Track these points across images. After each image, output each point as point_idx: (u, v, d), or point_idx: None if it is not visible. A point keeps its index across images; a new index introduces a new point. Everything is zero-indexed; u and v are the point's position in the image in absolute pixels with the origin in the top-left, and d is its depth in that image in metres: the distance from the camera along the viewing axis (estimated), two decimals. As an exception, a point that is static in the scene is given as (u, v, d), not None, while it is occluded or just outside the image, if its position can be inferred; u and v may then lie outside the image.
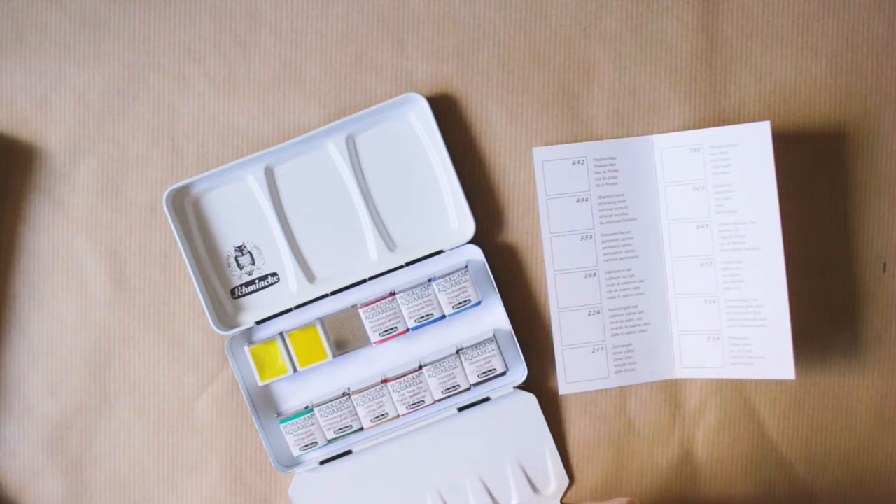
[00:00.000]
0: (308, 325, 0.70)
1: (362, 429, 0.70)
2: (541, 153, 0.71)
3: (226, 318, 0.71)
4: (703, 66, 0.72)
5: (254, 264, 0.71)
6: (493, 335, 0.70)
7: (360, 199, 0.71)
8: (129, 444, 0.73)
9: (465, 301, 0.69)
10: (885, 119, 0.72)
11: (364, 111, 0.70)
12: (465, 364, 0.69)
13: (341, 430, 0.70)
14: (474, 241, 0.71)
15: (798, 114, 0.72)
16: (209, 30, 0.72)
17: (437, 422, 0.72)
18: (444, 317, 0.69)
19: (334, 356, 0.70)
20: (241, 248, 0.71)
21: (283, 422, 0.69)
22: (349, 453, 0.72)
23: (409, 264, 0.71)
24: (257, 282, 0.71)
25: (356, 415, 0.70)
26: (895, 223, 0.73)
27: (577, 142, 0.72)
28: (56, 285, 0.72)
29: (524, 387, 0.72)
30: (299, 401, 0.72)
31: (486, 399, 0.72)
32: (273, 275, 0.71)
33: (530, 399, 0.72)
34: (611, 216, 0.72)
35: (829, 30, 0.72)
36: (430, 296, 0.69)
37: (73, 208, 0.72)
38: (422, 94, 0.71)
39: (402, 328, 0.69)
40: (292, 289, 0.71)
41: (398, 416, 0.70)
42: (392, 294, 0.69)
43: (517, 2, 0.72)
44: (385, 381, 0.70)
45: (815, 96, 0.72)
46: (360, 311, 0.69)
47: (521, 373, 0.72)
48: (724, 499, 0.73)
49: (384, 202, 0.71)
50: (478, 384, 0.70)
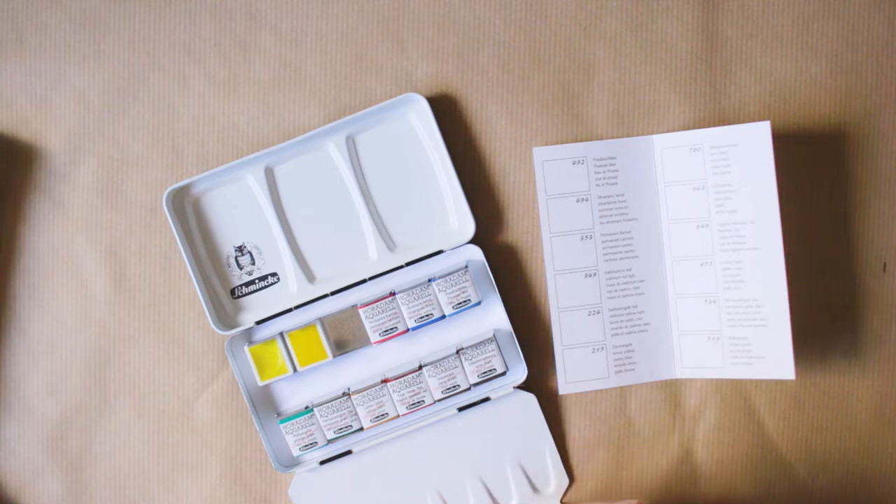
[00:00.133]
0: (308, 325, 0.70)
1: (362, 429, 0.70)
2: (541, 153, 0.71)
3: (226, 318, 0.71)
4: (703, 66, 0.72)
5: (254, 264, 0.71)
6: (493, 335, 0.70)
7: (360, 199, 0.71)
8: (129, 444, 0.73)
9: (465, 301, 0.69)
10: (885, 119, 0.72)
11: (364, 111, 0.70)
12: (465, 364, 0.69)
13: (341, 430, 0.70)
14: (474, 241, 0.71)
15: (798, 114, 0.72)
16: (209, 30, 0.72)
17: (437, 422, 0.72)
18: (444, 317, 0.69)
19: (334, 356, 0.70)
20: (241, 248, 0.71)
21: (283, 422, 0.69)
22: (349, 453, 0.71)
23: (409, 264, 0.71)
24: (257, 282, 0.71)
25: (356, 415, 0.70)
26: (895, 223, 0.73)
27: (577, 142, 0.72)
28: (56, 285, 0.72)
29: (524, 387, 0.72)
30: (299, 401, 0.72)
31: (486, 399, 0.72)
32: (273, 275, 0.71)
33: (530, 399, 0.72)
34: (611, 216, 0.72)
35: (829, 30, 0.72)
36: (430, 296, 0.69)
37: (73, 208, 0.72)
38: (422, 94, 0.71)
39: (402, 328, 0.69)
40: (292, 289, 0.71)
41: (398, 416, 0.70)
42: (392, 294, 0.69)
43: (517, 2, 0.72)
44: (385, 381, 0.70)
45: (815, 96, 0.72)
46: (360, 311, 0.69)
47: (521, 373, 0.72)
48: (724, 499, 0.73)
49: (384, 202, 0.71)
50: (478, 384, 0.70)
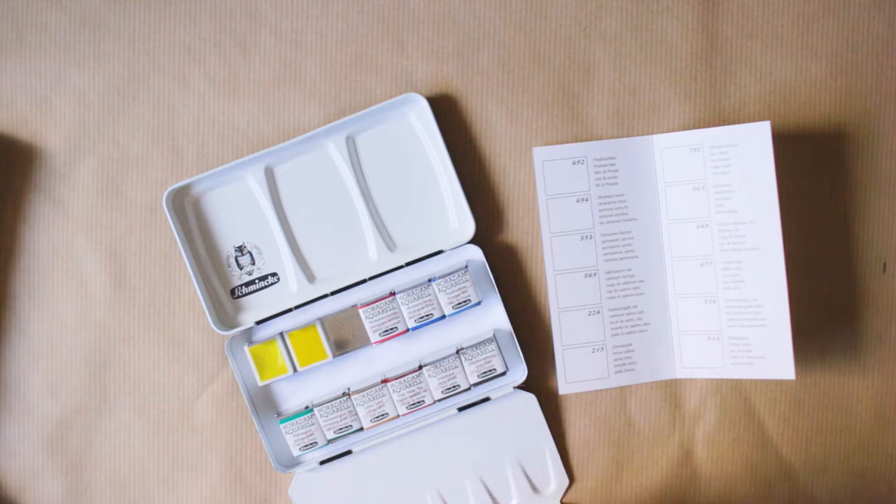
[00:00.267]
0: (308, 325, 0.70)
1: (362, 429, 0.70)
2: (541, 153, 0.71)
3: (226, 318, 0.71)
4: (703, 66, 0.72)
5: (254, 264, 0.71)
6: (493, 335, 0.70)
7: (360, 199, 0.71)
8: (129, 444, 0.73)
9: (465, 301, 0.69)
10: (885, 119, 0.72)
11: (364, 111, 0.70)
12: (465, 364, 0.69)
13: (341, 430, 0.70)
14: (474, 241, 0.71)
15: (798, 114, 0.72)
16: (209, 30, 0.72)
17: (437, 422, 0.72)
18: (444, 317, 0.69)
19: (334, 356, 0.70)
20: (241, 248, 0.71)
21: (283, 422, 0.69)
22: (349, 453, 0.71)
23: (409, 264, 0.71)
24: (257, 282, 0.71)
25: (356, 415, 0.70)
26: (895, 223, 0.73)
27: (577, 142, 0.72)
28: (56, 285, 0.72)
29: (524, 387, 0.72)
30: (299, 401, 0.72)
31: (486, 399, 0.72)
32: (273, 275, 0.71)
33: (530, 399, 0.72)
34: (611, 216, 0.72)
35: (829, 30, 0.72)
36: (430, 296, 0.69)
37: (73, 208, 0.72)
38: (422, 94, 0.71)
39: (402, 328, 0.69)
40: (292, 289, 0.71)
41: (398, 416, 0.70)
42: (392, 294, 0.69)
43: (517, 2, 0.72)
44: (385, 381, 0.70)
45: (815, 96, 0.72)
46: (360, 311, 0.69)
47: (521, 373, 0.72)
48: (724, 499, 0.73)
49: (384, 202, 0.71)
50: (478, 384, 0.70)
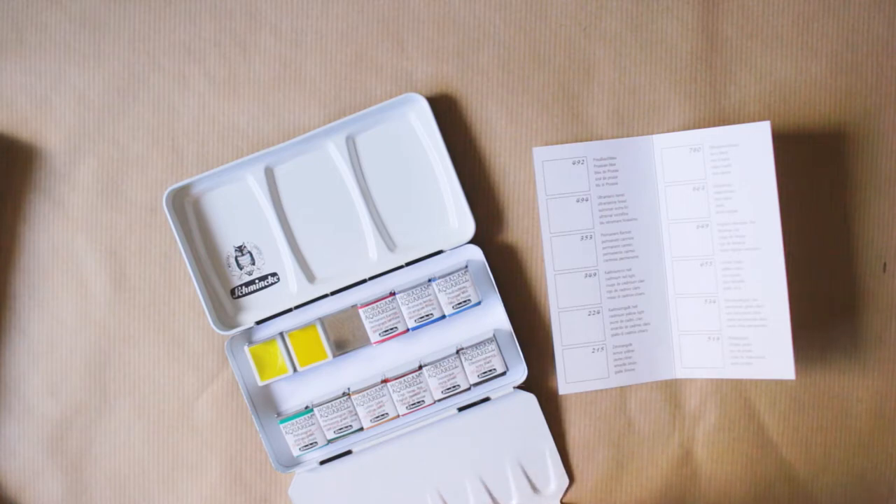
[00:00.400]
0: (308, 325, 0.70)
1: (362, 429, 0.70)
2: (541, 153, 0.71)
3: (226, 318, 0.71)
4: (703, 66, 0.72)
5: (254, 264, 0.71)
6: (493, 335, 0.70)
7: (360, 199, 0.71)
8: (129, 444, 0.73)
9: (465, 301, 0.69)
10: (885, 119, 0.72)
11: (364, 111, 0.70)
12: (465, 364, 0.69)
13: (341, 430, 0.70)
14: (474, 241, 0.71)
15: (798, 114, 0.72)
16: (209, 30, 0.72)
17: (437, 422, 0.72)
18: (444, 317, 0.69)
19: (334, 356, 0.70)
20: (241, 248, 0.71)
21: (283, 422, 0.69)
22: (349, 453, 0.71)
23: (409, 264, 0.71)
24: (257, 282, 0.71)
25: (356, 415, 0.70)
26: (895, 223, 0.73)
27: (577, 142, 0.72)
28: (56, 285, 0.72)
29: (524, 387, 0.72)
30: (299, 401, 0.72)
31: (486, 399, 0.72)
32: (273, 275, 0.71)
33: (530, 399, 0.72)
34: (611, 216, 0.72)
35: (829, 30, 0.72)
36: (430, 296, 0.69)
37: (73, 208, 0.72)
38: (422, 94, 0.71)
39: (402, 328, 0.69)
40: (292, 289, 0.71)
41: (398, 416, 0.70)
42: (392, 294, 0.69)
43: (517, 2, 0.72)
44: (385, 381, 0.70)
45: (815, 96, 0.72)
46: (360, 311, 0.69)
47: (521, 373, 0.72)
48: (724, 499, 0.73)
49: (384, 202, 0.71)
50: (478, 384, 0.70)
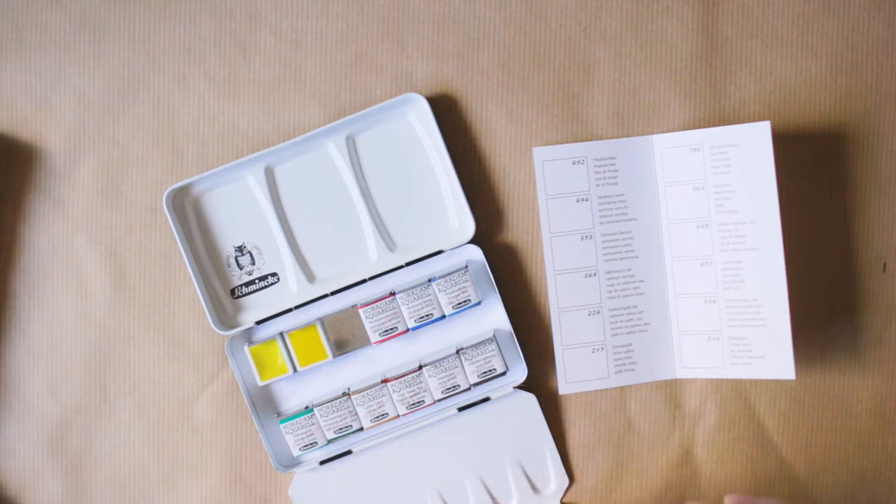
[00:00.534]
0: (308, 325, 0.70)
1: (362, 429, 0.70)
2: (541, 153, 0.71)
3: (226, 318, 0.71)
4: (703, 66, 0.72)
5: (254, 264, 0.71)
6: (493, 335, 0.70)
7: (360, 199, 0.71)
8: (129, 444, 0.73)
9: (465, 301, 0.69)
10: (885, 119, 0.72)
11: (364, 111, 0.70)
12: (465, 364, 0.69)
13: (341, 430, 0.70)
14: (474, 241, 0.71)
15: (798, 114, 0.72)
16: (209, 30, 0.72)
17: (437, 422, 0.72)
18: (444, 317, 0.69)
19: (334, 356, 0.70)
20: (241, 248, 0.71)
21: (283, 422, 0.69)
22: (349, 453, 0.71)
23: (409, 264, 0.71)
24: (257, 282, 0.71)
25: (356, 415, 0.70)
26: (895, 223, 0.73)
27: (577, 142, 0.72)
28: (56, 285, 0.72)
29: (524, 387, 0.72)
30: (299, 401, 0.72)
31: (486, 399, 0.72)
32: (273, 275, 0.71)
33: (530, 399, 0.72)
34: (611, 216, 0.72)
35: (829, 30, 0.72)
36: (430, 296, 0.69)
37: (73, 208, 0.72)
38: (422, 94, 0.71)
39: (402, 328, 0.69)
40: (292, 289, 0.71)
41: (398, 416, 0.70)
42: (392, 294, 0.69)
43: (517, 2, 0.72)
44: (385, 381, 0.70)
45: (815, 96, 0.72)
46: (360, 311, 0.69)
47: (521, 373, 0.72)
48: (723, 499, 0.73)
49: (384, 202, 0.71)
50: (478, 384, 0.70)
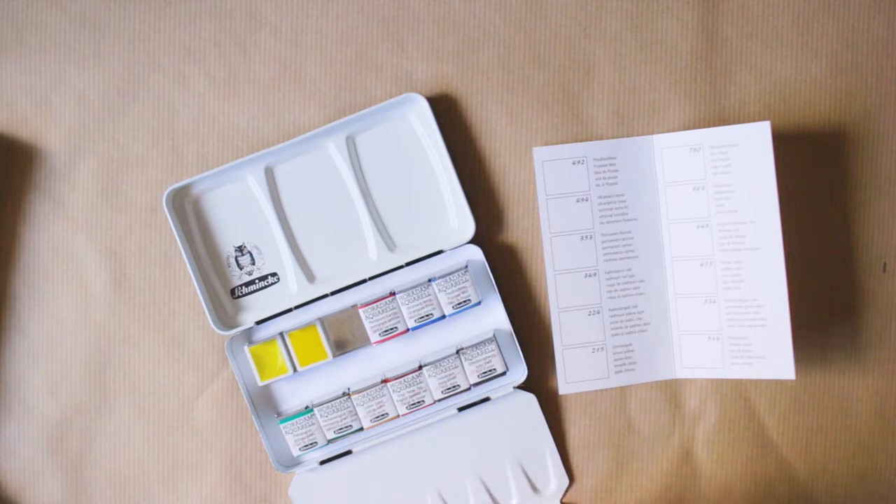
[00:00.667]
0: (308, 325, 0.70)
1: (362, 429, 0.70)
2: (541, 153, 0.71)
3: (226, 318, 0.71)
4: (703, 66, 0.72)
5: (254, 264, 0.71)
6: (493, 335, 0.70)
7: (360, 199, 0.71)
8: (129, 444, 0.73)
9: (465, 301, 0.69)
10: (885, 119, 0.72)
11: (364, 111, 0.70)
12: (465, 364, 0.69)
13: (341, 430, 0.70)
14: (474, 241, 0.71)
15: (798, 114, 0.72)
16: (209, 30, 0.72)
17: (437, 422, 0.72)
18: (444, 317, 0.69)
19: (334, 356, 0.70)
20: (241, 248, 0.71)
21: (283, 422, 0.69)
22: (349, 453, 0.71)
23: (409, 264, 0.71)
24: (257, 282, 0.71)
25: (356, 415, 0.70)
26: (895, 223, 0.73)
27: (577, 142, 0.72)
28: (56, 285, 0.72)
29: (524, 387, 0.72)
30: (299, 401, 0.72)
31: (486, 399, 0.72)
32: (273, 275, 0.71)
33: (530, 399, 0.72)
34: (611, 216, 0.72)
35: (829, 30, 0.72)
36: (430, 296, 0.69)
37: (73, 208, 0.72)
38: (422, 94, 0.71)
39: (402, 328, 0.69)
40: (292, 289, 0.71)
41: (398, 416, 0.70)
42: (392, 294, 0.69)
43: (517, 2, 0.72)
44: (385, 381, 0.70)
45: (815, 96, 0.72)
46: (360, 311, 0.69)
47: (521, 373, 0.72)
48: (724, 499, 0.73)
49: (384, 202, 0.71)
50: (478, 384, 0.70)
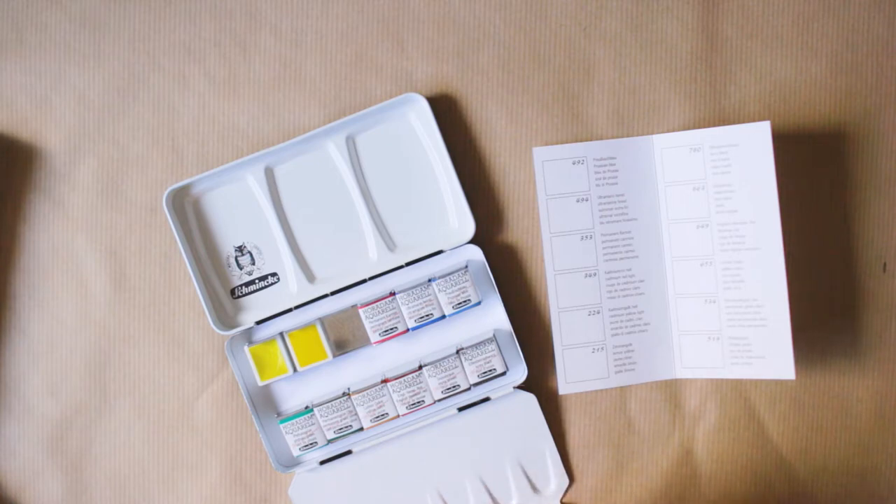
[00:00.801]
0: (308, 325, 0.70)
1: (362, 429, 0.70)
2: (541, 153, 0.71)
3: (226, 318, 0.71)
4: (703, 66, 0.72)
5: (254, 264, 0.71)
6: (493, 335, 0.70)
7: (360, 199, 0.71)
8: (129, 444, 0.73)
9: (465, 301, 0.69)
10: (885, 119, 0.72)
11: (364, 111, 0.70)
12: (465, 364, 0.69)
13: (341, 430, 0.70)
14: (474, 241, 0.71)
15: (798, 114, 0.72)
16: (209, 30, 0.72)
17: (437, 422, 0.72)
18: (444, 317, 0.69)
19: (334, 356, 0.70)
20: (241, 248, 0.71)
21: (283, 422, 0.69)
22: (349, 453, 0.71)
23: (409, 264, 0.71)
24: (257, 282, 0.71)
25: (356, 415, 0.70)
26: (895, 223, 0.73)
27: (577, 142, 0.72)
28: (56, 285, 0.72)
29: (524, 387, 0.72)
30: (299, 401, 0.72)
31: (486, 399, 0.72)
32: (273, 275, 0.71)
33: (530, 399, 0.72)
34: (611, 216, 0.72)
35: (829, 30, 0.72)
36: (430, 296, 0.69)
37: (73, 208, 0.72)
38: (422, 94, 0.71)
39: (402, 328, 0.69)
40: (292, 289, 0.71)
41: (398, 416, 0.70)
42: (392, 294, 0.69)
43: (517, 2, 0.72)
44: (385, 381, 0.70)
45: (815, 96, 0.72)
46: (360, 311, 0.69)
47: (521, 373, 0.72)
48: (724, 499, 0.73)
49: (384, 202, 0.71)
50: (478, 384, 0.70)
